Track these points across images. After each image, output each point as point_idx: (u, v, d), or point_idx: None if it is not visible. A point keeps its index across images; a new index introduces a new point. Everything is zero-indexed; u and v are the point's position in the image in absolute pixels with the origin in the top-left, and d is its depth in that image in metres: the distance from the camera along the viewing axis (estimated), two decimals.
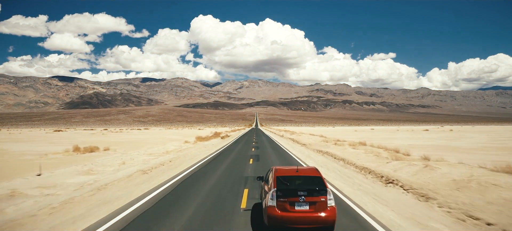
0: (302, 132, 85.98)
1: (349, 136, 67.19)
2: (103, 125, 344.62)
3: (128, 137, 72.22)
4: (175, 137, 64.20)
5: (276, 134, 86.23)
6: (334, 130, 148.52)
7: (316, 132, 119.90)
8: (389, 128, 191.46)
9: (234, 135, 78.18)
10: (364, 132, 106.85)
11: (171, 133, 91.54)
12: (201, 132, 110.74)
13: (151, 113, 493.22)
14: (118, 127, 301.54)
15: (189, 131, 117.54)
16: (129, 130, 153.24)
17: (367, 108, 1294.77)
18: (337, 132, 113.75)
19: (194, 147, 39.56)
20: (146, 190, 14.26)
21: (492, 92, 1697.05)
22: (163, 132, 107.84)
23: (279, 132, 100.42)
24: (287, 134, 78.49)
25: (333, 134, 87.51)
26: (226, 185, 15.18)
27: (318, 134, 77.13)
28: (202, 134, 76.50)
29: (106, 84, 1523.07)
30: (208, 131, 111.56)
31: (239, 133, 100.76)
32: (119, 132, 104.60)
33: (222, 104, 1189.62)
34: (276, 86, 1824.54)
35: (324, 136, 52.18)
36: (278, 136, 69.99)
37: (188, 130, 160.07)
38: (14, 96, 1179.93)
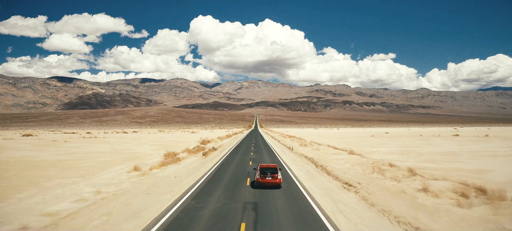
0: (314, 140, 61.78)
1: (382, 147, 49.92)
2: (99, 126, 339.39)
3: (71, 152, 45.90)
4: (146, 149, 47.56)
5: (280, 142, 68.01)
6: (341, 133, 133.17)
7: (324, 135, 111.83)
8: (401, 130, 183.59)
9: (227, 144, 60.85)
10: (383, 137, 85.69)
11: (149, 141, 69.99)
12: (192, 136, 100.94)
13: (149, 114, 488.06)
14: (113, 128, 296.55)
15: (178, 137, 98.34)
16: (114, 132, 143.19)
17: (367, 109, 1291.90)
18: (350, 137, 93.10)
19: (116, 199, 17.86)
20: None
21: (492, 93, 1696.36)
22: (142, 139, 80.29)
23: (282, 137, 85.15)
24: (294, 143, 59.49)
25: (347, 140, 72.54)
26: None
27: (332, 142, 60.71)
28: (183, 143, 60.41)
29: (105, 85, 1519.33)
30: (197, 136, 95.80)
31: (235, 138, 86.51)
32: (82, 139, 79.41)
33: (221, 105, 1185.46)
34: (275, 87, 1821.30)
35: (357, 153, 32.88)
36: (284, 147, 53.18)
37: (181, 132, 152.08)
38: (12, 97, 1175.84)
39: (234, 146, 55.33)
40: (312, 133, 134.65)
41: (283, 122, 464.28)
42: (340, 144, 55.17)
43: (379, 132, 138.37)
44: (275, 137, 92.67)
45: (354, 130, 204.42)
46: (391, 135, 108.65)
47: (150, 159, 33.55)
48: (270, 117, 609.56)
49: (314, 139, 74.48)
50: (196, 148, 43.92)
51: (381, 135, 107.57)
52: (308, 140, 65.22)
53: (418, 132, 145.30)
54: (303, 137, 78.67)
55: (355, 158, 30.45)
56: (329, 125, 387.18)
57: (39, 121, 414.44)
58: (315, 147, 44.46)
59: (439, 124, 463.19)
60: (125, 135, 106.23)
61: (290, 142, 62.55)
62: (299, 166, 30.08)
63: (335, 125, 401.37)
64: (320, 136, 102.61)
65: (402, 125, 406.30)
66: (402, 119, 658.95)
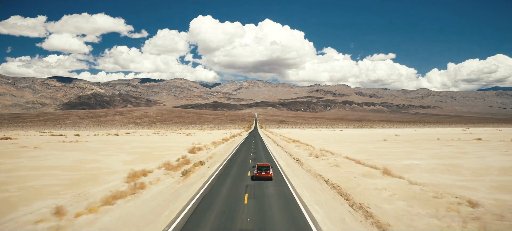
0: (325, 148, 52.72)
1: (411, 158, 39.66)
2: (96, 127, 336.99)
3: None
4: (116, 162, 37.29)
5: (284, 149, 57.74)
6: (348, 136, 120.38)
7: (329, 137, 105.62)
8: (408, 132, 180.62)
9: (220, 153, 50.77)
10: (399, 142, 75.70)
11: (132, 148, 58.70)
12: (186, 140, 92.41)
13: (148, 115, 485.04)
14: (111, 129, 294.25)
15: (169, 141, 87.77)
16: (105, 134, 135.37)
17: (367, 109, 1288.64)
18: (361, 141, 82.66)
19: None
20: None
21: (492, 93, 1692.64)
22: (126, 144, 68.66)
23: (286, 142, 74.71)
24: (301, 150, 50.66)
25: (360, 146, 62.65)
26: None
27: (344, 148, 54.49)
28: (169, 151, 51.98)
29: (105, 85, 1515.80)
30: (191, 140, 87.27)
31: (232, 143, 76.02)
32: (60, 144, 68.83)
33: (221, 105, 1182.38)
34: (275, 87, 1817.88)
35: (394, 173, 25.67)
36: (291, 159, 41.86)
37: (176, 134, 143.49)
38: (11, 97, 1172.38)
39: (228, 156, 43.94)
40: (315, 135, 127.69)
41: (283, 122, 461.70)
42: (355, 151, 48.65)
43: (388, 134, 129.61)
44: (277, 141, 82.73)
45: (358, 131, 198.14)
46: (404, 138, 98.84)
47: (106, 183, 24.07)
48: (270, 117, 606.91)
49: (322, 144, 67.46)
50: (179, 160, 36.61)
51: (392, 138, 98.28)
52: (317, 146, 57.92)
53: (429, 133, 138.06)
54: (309, 142, 71.21)
55: (401, 185, 21.41)
56: (330, 126, 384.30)
57: (37, 121, 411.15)
58: (332, 161, 34.71)
59: (442, 124, 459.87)
60: (112, 138, 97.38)
61: (296, 149, 55.17)
62: (325, 205, 17.72)
63: (336, 125, 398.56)
64: (326, 139, 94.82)
65: (404, 125, 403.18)
66: (403, 119, 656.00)
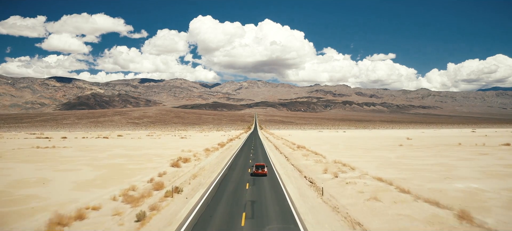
0: (340, 159, 43.18)
1: (463, 180, 29.29)
2: (94, 127, 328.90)
3: None
4: (64, 183, 28.37)
5: (290, 159, 47.67)
6: (355, 139, 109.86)
7: (337, 141, 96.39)
8: (415, 133, 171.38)
9: (210, 167, 40.58)
10: (417, 149, 65.65)
11: (104, 158, 48.31)
12: (178, 144, 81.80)
13: (147, 115, 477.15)
14: (109, 129, 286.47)
15: (158, 146, 76.63)
16: (93, 137, 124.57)
17: (367, 109, 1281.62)
18: (376, 147, 72.57)
19: None
20: None
21: (492, 93, 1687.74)
22: (104, 152, 59.26)
23: (290, 149, 63.53)
24: (310, 161, 42.47)
25: (378, 154, 54.57)
26: None
27: (361, 157, 46.90)
28: (150, 164, 41.76)
29: (104, 85, 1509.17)
30: (184, 145, 78.73)
31: (228, 150, 66.11)
32: (31, 151, 61.07)
33: (221, 105, 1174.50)
34: (275, 87, 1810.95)
35: (448, 206, 18.67)
36: (301, 178, 32.56)
37: (170, 137, 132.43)
38: (11, 97, 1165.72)
39: (219, 174, 33.87)
40: (319, 138, 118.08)
41: (284, 122, 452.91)
42: (376, 163, 39.77)
43: (399, 138, 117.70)
44: (279, 147, 71.12)
45: (362, 133, 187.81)
46: (419, 142, 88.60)
47: None
48: (270, 117, 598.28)
49: (332, 151, 58.88)
50: (152, 181, 27.79)
51: (406, 142, 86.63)
52: (328, 156, 48.87)
53: (442, 137, 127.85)
54: (316, 148, 62.00)
55: None
56: (330, 126, 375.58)
57: (34, 121, 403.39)
58: (361, 186, 24.89)
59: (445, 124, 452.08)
60: (96, 143, 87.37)
61: (304, 159, 45.41)
62: None
63: (336, 126, 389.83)
64: (334, 144, 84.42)
65: (405, 126, 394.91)
66: (404, 119, 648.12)
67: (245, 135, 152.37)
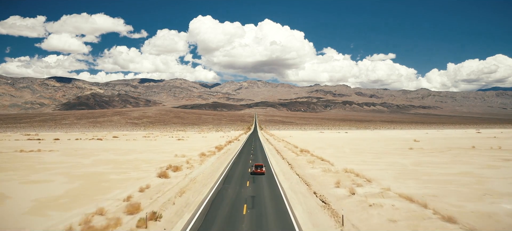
0: (352, 169, 36.67)
1: None
2: (93, 127, 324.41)
3: None
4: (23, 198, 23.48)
5: (293, 166, 42.83)
6: (361, 141, 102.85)
7: (342, 143, 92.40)
8: (419, 134, 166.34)
9: (203, 178, 35.20)
10: (440, 154, 60.01)
11: (83, 165, 42.49)
12: (173, 148, 76.23)
13: (147, 115, 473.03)
14: (107, 130, 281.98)
15: (151, 150, 72.24)
16: (86, 139, 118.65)
17: (368, 109, 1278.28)
18: (389, 151, 65.55)
19: None
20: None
21: (492, 93, 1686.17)
22: (86, 157, 53.67)
23: (294, 154, 57.79)
24: (316, 170, 38.25)
25: (393, 161, 47.54)
26: None
27: (375, 165, 41.89)
28: (133, 174, 35.63)
29: (104, 85, 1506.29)
30: (180, 148, 73.82)
31: (226, 154, 60.53)
32: (11, 155, 57.21)
33: (220, 106, 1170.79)
34: (275, 87, 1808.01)
35: None
36: (311, 196, 26.37)
37: (167, 139, 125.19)
38: (10, 97, 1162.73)
39: (212, 190, 28.18)
40: (322, 140, 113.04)
41: (284, 122, 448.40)
42: (394, 173, 34.72)
43: (405, 140, 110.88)
44: (281, 152, 65.60)
45: (364, 134, 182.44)
46: (429, 145, 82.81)
47: None
48: (270, 117, 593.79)
49: (339, 156, 54.02)
50: (129, 200, 22.69)
51: (416, 146, 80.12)
52: (336, 162, 43.25)
53: (452, 139, 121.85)
54: (321, 153, 56.86)
55: None
56: (331, 126, 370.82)
57: (33, 122, 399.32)
58: (389, 212, 19.52)
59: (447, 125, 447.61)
60: (87, 146, 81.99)
61: (310, 168, 39.78)
62: None
63: (337, 126, 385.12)
64: (339, 147, 78.20)
65: (406, 126, 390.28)
66: (405, 119, 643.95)
67: (244, 136, 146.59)
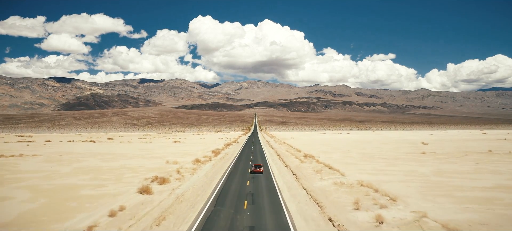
0: (369, 182, 30.76)
1: None
2: (92, 128, 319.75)
3: None
4: None
5: (300, 179, 35.56)
6: (364, 144, 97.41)
7: (347, 145, 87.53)
8: (423, 135, 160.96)
9: (196, 188, 31.11)
10: (465, 159, 55.31)
11: (54, 177, 36.24)
12: (167, 152, 70.97)
13: (146, 115, 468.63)
14: (105, 130, 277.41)
15: (142, 154, 66.84)
16: (79, 141, 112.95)
17: (368, 109, 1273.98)
18: (404, 160, 54.51)
19: None
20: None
21: (492, 93, 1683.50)
22: (67, 162, 50.93)
23: (298, 161, 51.70)
24: (327, 181, 32.83)
25: (407, 169, 42.46)
26: None
27: (397, 175, 36.32)
28: (110, 188, 29.67)
29: (104, 86, 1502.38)
30: (174, 152, 68.32)
31: (222, 160, 54.97)
32: None
33: (220, 106, 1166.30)
34: (275, 87, 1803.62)
35: None
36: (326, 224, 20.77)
37: (163, 141, 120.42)
38: (10, 97, 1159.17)
39: (201, 212, 23.23)
40: (326, 143, 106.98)
41: (284, 123, 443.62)
42: (418, 186, 29.19)
43: (413, 143, 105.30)
44: (283, 157, 59.12)
45: (367, 136, 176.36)
46: (441, 148, 76.82)
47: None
48: (270, 117, 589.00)
49: (348, 162, 49.34)
50: (95, 228, 17.82)
51: (427, 150, 72.85)
52: (348, 172, 37.31)
53: (463, 140, 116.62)
54: (328, 158, 51.45)
55: None
56: (332, 127, 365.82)
57: (31, 122, 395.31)
58: None
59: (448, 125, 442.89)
60: (75, 149, 76.76)
61: (318, 179, 33.01)
62: None
63: (338, 126, 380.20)
64: (345, 151, 71.47)
65: (407, 127, 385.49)
66: (405, 119, 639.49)
67: (244, 138, 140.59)
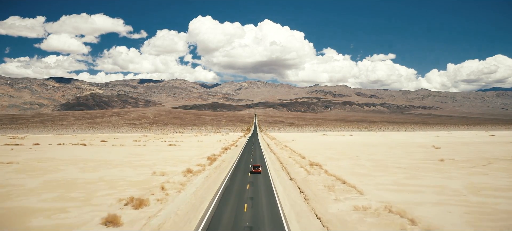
0: (394, 204, 25.87)
1: None
2: (90, 128, 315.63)
3: None
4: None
5: (309, 200, 28.16)
6: (371, 148, 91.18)
7: (358, 153, 78.97)
8: (435, 137, 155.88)
9: (180, 216, 23.82)
10: None
11: None
12: (158, 158, 62.62)
13: (145, 116, 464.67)
14: (103, 131, 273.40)
15: (129, 160, 60.74)
16: (69, 144, 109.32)
17: (368, 109, 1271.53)
18: (426, 171, 45.61)
19: None
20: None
21: (493, 93, 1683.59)
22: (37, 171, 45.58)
23: (304, 171, 46.02)
24: (341, 201, 27.43)
25: (439, 181, 37.48)
26: None
27: None
28: (67, 216, 22.07)
29: (104, 86, 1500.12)
30: (165, 158, 64.89)
31: (217, 171, 48.25)
32: None
33: (220, 106, 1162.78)
34: (275, 87, 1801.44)
35: None
36: None
37: (158, 143, 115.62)
38: (9, 97, 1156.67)
39: None
40: (330, 146, 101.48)
41: (284, 123, 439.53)
42: (461, 211, 23.90)
43: (420, 143, 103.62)
44: (286, 165, 54.06)
45: (371, 137, 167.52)
46: (456, 152, 70.31)
47: None
48: (270, 118, 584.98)
49: (361, 172, 45.88)
50: None
51: (444, 156, 65.19)
52: (368, 190, 30.88)
53: (463, 141, 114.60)
54: (340, 170, 45.58)
55: None
56: (333, 127, 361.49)
57: (30, 122, 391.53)
58: None
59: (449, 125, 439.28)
60: (64, 154, 71.09)
61: (332, 198, 27.91)
62: None
63: (338, 127, 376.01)
64: (355, 157, 63.86)
65: (408, 127, 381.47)
66: (406, 120, 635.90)
67: (243, 140, 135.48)
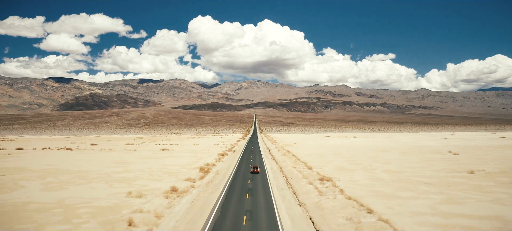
0: None
1: None
2: (88, 129, 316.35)
3: None
4: None
5: None
6: (383, 153, 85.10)
7: (372, 163, 68.62)
8: (448, 140, 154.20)
9: None
10: None
11: None
12: (143, 167, 56.58)
13: (145, 116, 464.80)
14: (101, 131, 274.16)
15: (114, 169, 54.75)
16: (58, 147, 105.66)
17: (368, 109, 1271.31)
18: (458, 189, 36.27)
19: None
20: None
21: (493, 93, 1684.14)
22: None
23: (312, 187, 38.32)
24: None
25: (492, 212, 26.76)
26: None
27: None
28: None
29: (103, 86, 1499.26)
30: (158, 165, 60.12)
31: (212, 185, 40.94)
32: None
33: (220, 106, 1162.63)
34: (275, 87, 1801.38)
35: None
36: None
37: (151, 147, 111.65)
38: (8, 97, 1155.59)
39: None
40: (336, 151, 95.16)
41: (284, 124, 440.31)
42: None
43: (433, 147, 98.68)
44: (290, 178, 47.53)
45: (377, 140, 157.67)
46: (481, 162, 62.27)
47: None
48: (269, 118, 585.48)
49: (392, 202, 39.72)
50: None
51: (465, 165, 58.03)
52: (401, 223, 24.63)
53: (477, 144, 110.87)
54: (356, 186, 38.38)
55: None
56: (334, 128, 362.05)
57: (27, 122, 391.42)
58: None
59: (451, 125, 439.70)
60: (42, 161, 66.03)
61: None
62: None
63: (339, 127, 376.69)
64: (371, 169, 55.41)
65: (409, 127, 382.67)
66: (406, 120, 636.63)
67: (242, 144, 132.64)
